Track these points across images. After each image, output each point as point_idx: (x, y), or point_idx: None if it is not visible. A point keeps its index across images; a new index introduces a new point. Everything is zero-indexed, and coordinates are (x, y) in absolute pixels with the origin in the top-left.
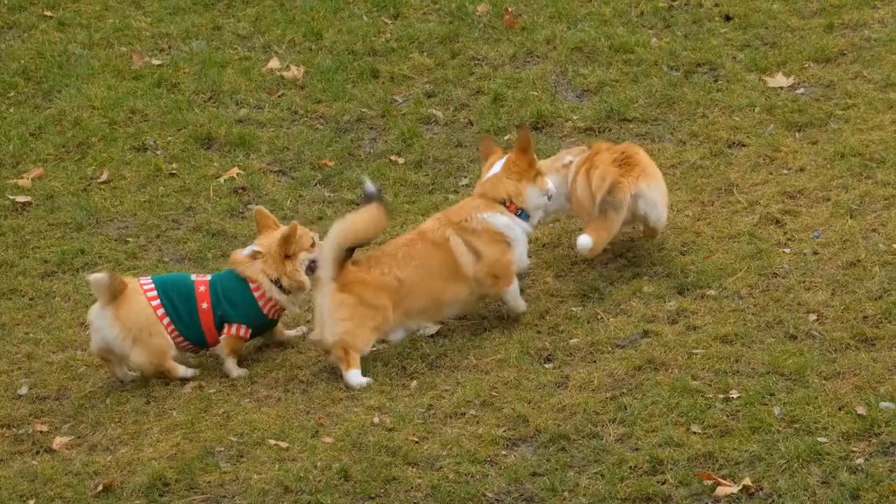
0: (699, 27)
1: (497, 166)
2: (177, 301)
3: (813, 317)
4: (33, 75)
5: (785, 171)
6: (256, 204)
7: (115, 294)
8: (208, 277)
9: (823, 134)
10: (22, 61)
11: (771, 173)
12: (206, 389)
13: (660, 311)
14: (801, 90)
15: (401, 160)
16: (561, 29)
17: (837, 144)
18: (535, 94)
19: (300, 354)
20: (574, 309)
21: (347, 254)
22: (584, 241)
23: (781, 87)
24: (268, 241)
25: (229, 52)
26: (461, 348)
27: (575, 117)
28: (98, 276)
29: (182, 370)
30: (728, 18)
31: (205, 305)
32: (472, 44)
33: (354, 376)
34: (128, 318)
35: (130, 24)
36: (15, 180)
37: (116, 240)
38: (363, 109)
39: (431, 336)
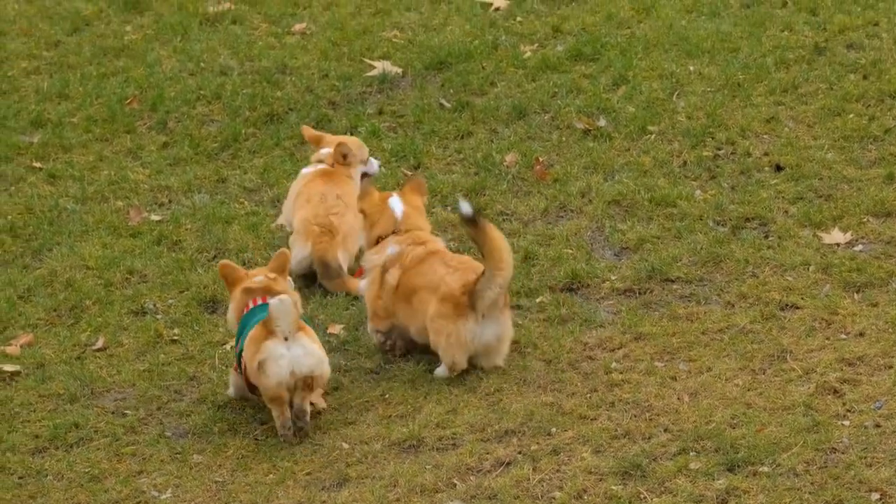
0: (747, 178)
1: None
2: None
3: (876, 496)
4: (21, 232)
5: (843, 336)
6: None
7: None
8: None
9: (885, 295)
10: (9, 217)
11: (828, 338)
12: None
13: (708, 490)
14: (860, 247)
15: None
16: (597, 181)
17: None
18: (570, 251)
19: None
20: (614, 488)
21: None
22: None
23: (838, 244)
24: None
25: (235, 206)
26: None
27: (613, 277)
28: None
29: None
30: (779, 169)
31: None
32: (500, 197)
33: None
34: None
35: (127, 176)
36: (2, 348)
37: (113, 412)
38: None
39: None
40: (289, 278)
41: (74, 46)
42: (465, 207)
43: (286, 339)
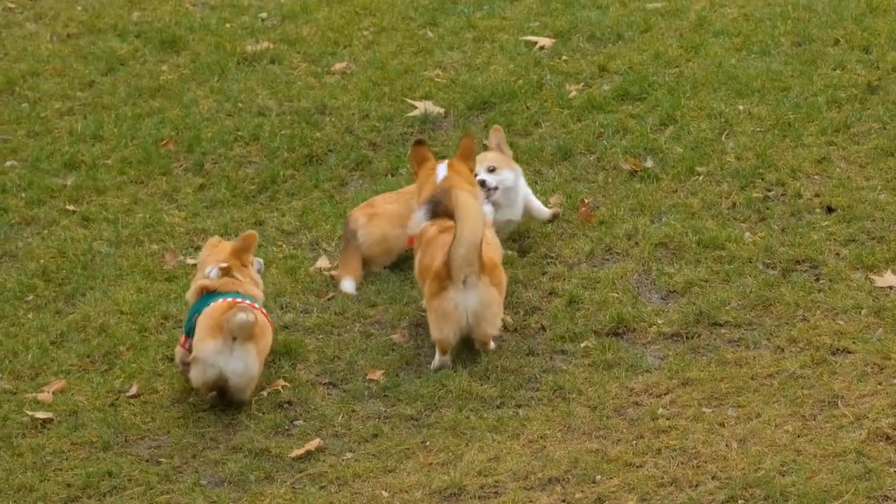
0: (798, 220)
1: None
2: None
3: None
4: (54, 277)
5: None
6: (304, 420)
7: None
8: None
9: None
10: (42, 261)
11: (880, 383)
12: None
13: None
14: None
15: (464, 370)
16: (643, 223)
17: None
18: (615, 295)
19: None
20: None
21: None
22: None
23: (891, 287)
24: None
25: (273, 249)
26: None
27: (660, 321)
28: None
29: None
30: (830, 210)
31: None
32: (544, 240)
33: None
34: None
35: (162, 219)
36: (34, 394)
37: (147, 460)
38: (423, 313)
39: None
40: (258, 259)
41: (109, 87)
42: (421, 215)
43: (234, 339)
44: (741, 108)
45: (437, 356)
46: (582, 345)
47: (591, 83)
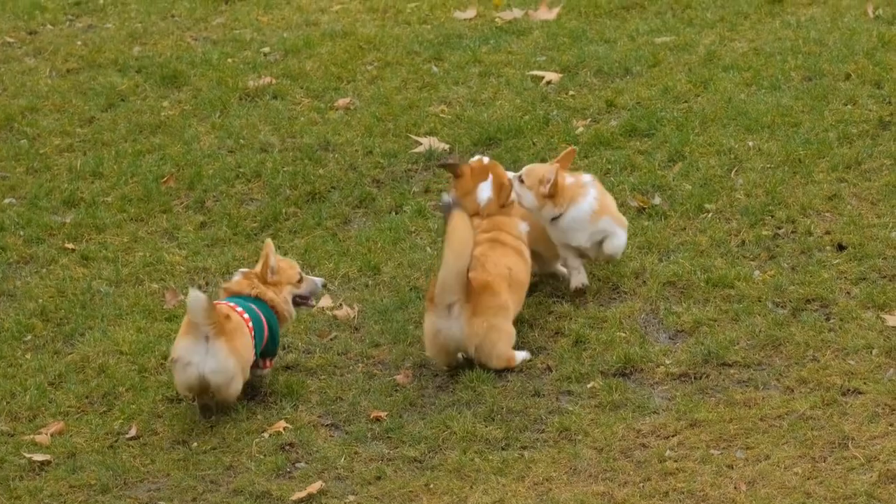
0: (808, 258)
1: None
2: (257, 324)
3: None
4: (53, 316)
5: None
6: (306, 462)
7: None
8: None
9: None
10: (40, 300)
11: (892, 424)
12: None
13: None
14: None
15: (468, 411)
16: (651, 261)
17: None
18: (623, 335)
19: None
20: None
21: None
22: None
23: None
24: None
25: None
26: None
27: (668, 361)
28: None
29: None
30: (841, 248)
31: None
32: (550, 278)
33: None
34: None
35: (163, 257)
36: (32, 436)
37: (147, 503)
38: (426, 354)
39: None
40: (313, 279)
41: (109, 123)
42: (445, 198)
43: (206, 338)
44: (751, 144)
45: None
46: (588, 385)
47: (599, 119)
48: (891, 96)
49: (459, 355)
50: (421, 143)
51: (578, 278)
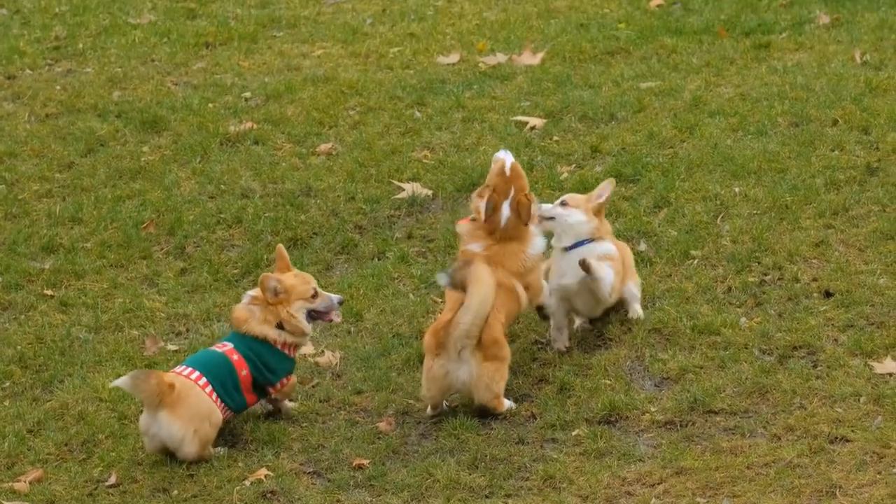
0: (795, 305)
1: None
2: (223, 378)
3: None
4: (31, 363)
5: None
6: None
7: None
8: (229, 345)
9: None
10: (19, 347)
11: (880, 473)
12: None
13: None
14: None
15: (452, 458)
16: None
17: None
18: (608, 382)
19: None
20: None
21: None
22: None
23: (891, 374)
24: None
25: None
26: None
27: (653, 409)
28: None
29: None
30: (828, 295)
31: (244, 372)
32: (535, 324)
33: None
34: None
35: (143, 304)
36: (10, 484)
37: None
38: (409, 401)
39: None
40: (331, 295)
41: (88, 168)
42: (442, 279)
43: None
44: (737, 190)
45: (428, 409)
46: (573, 433)
47: (584, 164)
48: (878, 142)
49: (445, 403)
50: (404, 189)
51: (562, 340)
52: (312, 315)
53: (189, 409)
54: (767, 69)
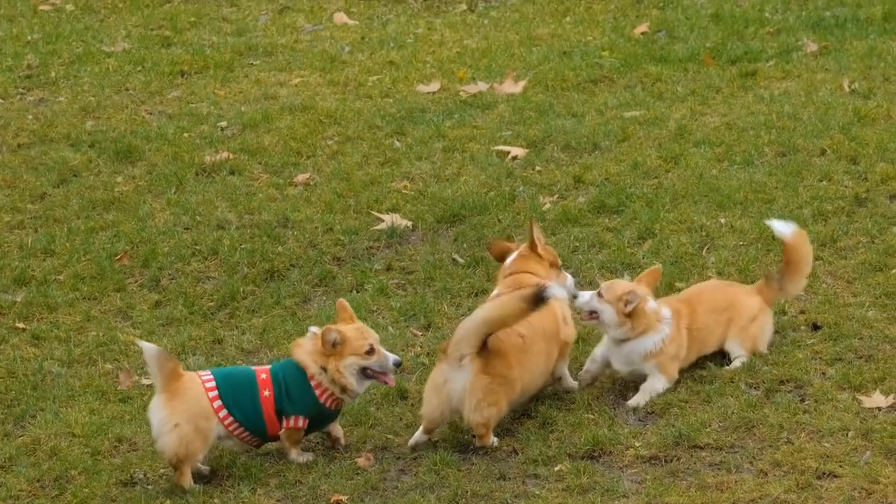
0: (782, 338)
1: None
2: (238, 390)
3: None
4: (3, 398)
5: None
6: None
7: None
8: (267, 366)
9: None
10: None
11: None
12: None
13: None
14: None
15: (432, 495)
16: None
17: None
18: (591, 416)
19: None
20: None
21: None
22: None
23: (879, 408)
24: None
25: None
26: None
27: (637, 444)
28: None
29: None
30: (816, 328)
31: (266, 393)
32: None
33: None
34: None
35: (116, 337)
36: None
37: None
38: (388, 436)
39: None
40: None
41: (61, 199)
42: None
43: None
44: (723, 220)
45: (418, 432)
46: (556, 468)
47: (566, 195)
48: (866, 172)
49: (431, 439)
50: (383, 220)
51: (586, 381)
52: (368, 374)
53: (182, 404)
54: (754, 98)
